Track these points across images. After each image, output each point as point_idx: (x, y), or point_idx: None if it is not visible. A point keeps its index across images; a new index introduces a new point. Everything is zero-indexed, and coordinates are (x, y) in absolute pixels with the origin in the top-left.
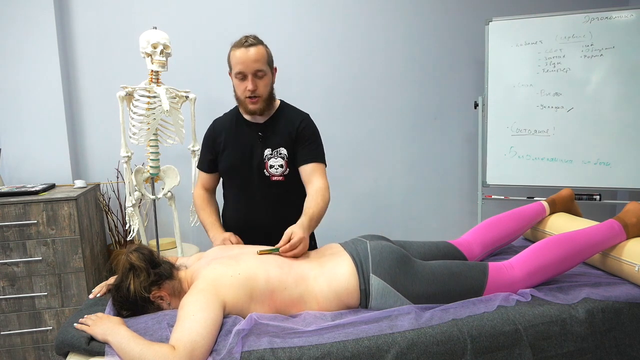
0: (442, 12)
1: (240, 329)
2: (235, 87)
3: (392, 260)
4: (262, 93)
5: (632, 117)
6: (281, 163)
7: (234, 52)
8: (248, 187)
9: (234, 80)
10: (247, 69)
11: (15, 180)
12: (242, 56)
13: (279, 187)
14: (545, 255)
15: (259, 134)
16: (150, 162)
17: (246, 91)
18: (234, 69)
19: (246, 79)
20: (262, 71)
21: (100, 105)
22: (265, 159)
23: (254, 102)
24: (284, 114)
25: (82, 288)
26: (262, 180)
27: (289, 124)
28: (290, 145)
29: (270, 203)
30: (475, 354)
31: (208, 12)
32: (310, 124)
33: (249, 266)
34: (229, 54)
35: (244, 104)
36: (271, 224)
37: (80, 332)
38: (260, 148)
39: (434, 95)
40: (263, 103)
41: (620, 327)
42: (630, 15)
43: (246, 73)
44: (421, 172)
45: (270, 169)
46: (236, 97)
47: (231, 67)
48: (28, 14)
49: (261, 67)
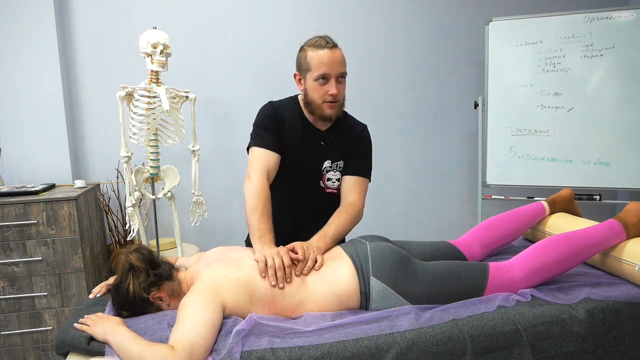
0: (442, 12)
1: (240, 329)
2: (312, 90)
3: (392, 262)
4: (341, 98)
5: (632, 117)
6: (338, 177)
7: (316, 53)
8: (298, 194)
9: (312, 84)
10: (333, 72)
11: (15, 180)
12: (328, 58)
13: (330, 199)
14: (545, 255)
15: (321, 143)
16: (150, 162)
17: (327, 95)
18: (315, 70)
19: (328, 82)
20: (345, 74)
21: (100, 105)
22: (324, 171)
23: (332, 106)
24: (346, 124)
25: (82, 288)
26: (315, 190)
27: (349, 135)
28: (348, 156)
29: (318, 213)
30: (475, 354)
31: (208, 12)
32: (368, 135)
33: (250, 271)
34: (305, 55)
35: (320, 108)
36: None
37: (80, 332)
38: (321, 158)
39: (434, 95)
40: (339, 108)
41: (620, 327)
42: (630, 15)
43: (331, 76)
44: (421, 172)
45: (327, 181)
46: (309, 101)
47: (309, 68)
48: (28, 14)
49: (344, 70)
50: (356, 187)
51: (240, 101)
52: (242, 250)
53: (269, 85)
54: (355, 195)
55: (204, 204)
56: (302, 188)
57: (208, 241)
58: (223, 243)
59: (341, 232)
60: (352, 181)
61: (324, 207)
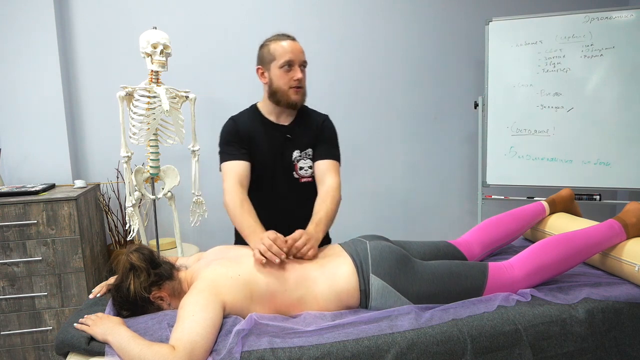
0: (442, 12)
1: (240, 329)
2: (277, 78)
3: (392, 261)
4: (304, 85)
5: (632, 117)
6: (310, 164)
7: (279, 43)
8: (275, 189)
9: (277, 72)
10: (297, 58)
11: (15, 180)
12: (291, 46)
13: (306, 188)
14: (545, 255)
15: (287, 136)
16: (150, 162)
17: (292, 81)
18: (280, 58)
19: (293, 69)
20: (306, 63)
21: (100, 105)
22: (294, 161)
23: (298, 92)
24: (307, 115)
25: (82, 288)
26: (291, 183)
27: (313, 124)
28: (315, 144)
29: (298, 205)
30: (475, 354)
31: (208, 12)
32: (331, 124)
33: (249, 268)
34: (269, 47)
35: (286, 94)
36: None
37: (80, 332)
38: (289, 150)
39: (434, 95)
40: (303, 96)
41: (620, 327)
42: (630, 15)
43: (295, 62)
44: (421, 172)
45: (300, 170)
46: (274, 89)
47: (274, 58)
48: (28, 14)
49: (306, 59)
50: (331, 169)
51: (240, 101)
52: (242, 248)
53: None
54: (332, 177)
55: (204, 204)
56: (278, 182)
57: (208, 241)
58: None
59: (331, 216)
60: (325, 164)
61: (303, 198)
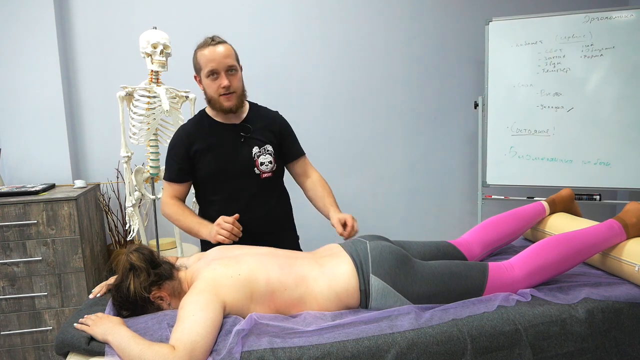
0: (442, 12)
1: (240, 329)
2: (207, 87)
3: (392, 261)
4: (236, 88)
5: (632, 117)
6: (270, 159)
7: (202, 52)
8: (237, 190)
9: (205, 81)
10: (220, 66)
11: (15, 180)
12: (212, 54)
13: (268, 184)
14: (545, 255)
15: (240, 134)
16: (150, 162)
17: (220, 88)
18: (204, 68)
19: (219, 77)
20: (234, 67)
21: (100, 105)
22: (255, 157)
23: (229, 98)
24: (258, 112)
25: (82, 288)
26: (252, 180)
27: (267, 121)
28: (275, 141)
29: (261, 201)
30: (475, 354)
31: (208, 12)
32: (283, 118)
33: (249, 267)
34: (195, 56)
35: (218, 102)
36: (263, 222)
37: (80, 332)
38: (246, 148)
39: (434, 95)
40: (237, 99)
41: (620, 327)
42: (630, 15)
43: (219, 70)
44: (421, 172)
45: (261, 166)
46: (208, 98)
47: (200, 67)
48: (28, 14)
49: (232, 62)
50: (306, 165)
51: None
52: (242, 247)
53: (268, 86)
54: (312, 171)
55: None
56: (239, 181)
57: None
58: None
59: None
60: (300, 163)
61: (265, 194)
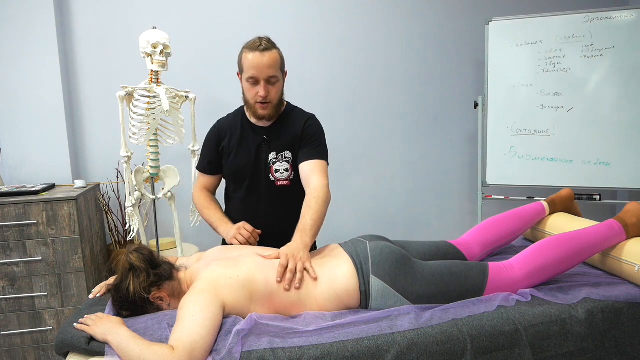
0: (442, 12)
1: (240, 329)
2: (246, 90)
3: (392, 261)
4: (273, 99)
5: (632, 117)
6: (286, 167)
7: (247, 55)
8: (254, 192)
9: (245, 84)
10: (261, 75)
11: (15, 180)
12: (256, 61)
13: (284, 192)
14: (545, 255)
15: (264, 138)
16: (150, 162)
17: (257, 96)
18: (246, 72)
19: (258, 84)
20: (275, 77)
21: (100, 105)
22: (270, 164)
23: (265, 107)
24: (290, 117)
25: (82, 288)
26: (267, 185)
27: (295, 126)
28: (296, 147)
29: (276, 208)
30: (475, 354)
31: (208, 11)
32: (315, 123)
33: (249, 269)
34: (241, 56)
35: (253, 108)
36: (277, 229)
37: (80, 332)
38: (265, 152)
39: (434, 95)
40: (273, 109)
41: (620, 327)
42: (630, 15)
43: (259, 79)
44: (421, 172)
45: (275, 173)
46: (245, 100)
47: (243, 69)
48: (28, 14)
49: (274, 73)
50: (314, 169)
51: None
52: (241, 248)
53: None
54: (317, 177)
55: None
56: (256, 184)
57: (208, 241)
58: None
59: (318, 219)
60: (308, 166)
61: (280, 202)
